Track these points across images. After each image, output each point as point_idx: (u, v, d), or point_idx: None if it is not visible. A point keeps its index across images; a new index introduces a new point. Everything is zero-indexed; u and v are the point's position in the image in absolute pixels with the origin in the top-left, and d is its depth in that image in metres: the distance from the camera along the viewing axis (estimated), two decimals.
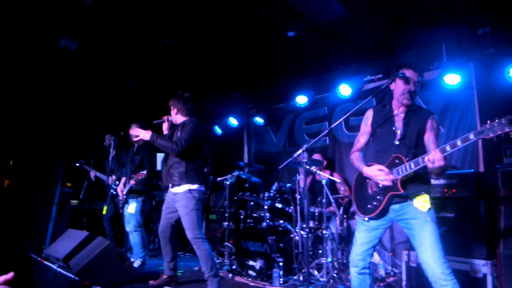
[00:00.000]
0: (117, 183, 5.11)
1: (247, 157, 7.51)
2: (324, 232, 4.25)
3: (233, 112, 7.22)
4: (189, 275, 4.52)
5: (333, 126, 2.82)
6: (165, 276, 3.93)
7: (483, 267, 3.22)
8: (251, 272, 4.38)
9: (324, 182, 4.19)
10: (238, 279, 4.39)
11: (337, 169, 5.79)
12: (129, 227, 4.76)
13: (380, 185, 2.45)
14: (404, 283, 3.70)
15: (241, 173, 5.48)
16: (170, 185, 3.72)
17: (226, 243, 5.33)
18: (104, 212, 5.29)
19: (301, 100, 6.10)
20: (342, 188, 5.15)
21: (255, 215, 5.01)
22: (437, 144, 2.40)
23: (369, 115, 2.74)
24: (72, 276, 3.25)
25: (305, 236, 3.53)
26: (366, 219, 2.52)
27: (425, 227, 2.31)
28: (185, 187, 3.61)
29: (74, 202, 6.10)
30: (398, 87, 2.54)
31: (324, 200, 4.26)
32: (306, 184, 2.94)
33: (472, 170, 4.07)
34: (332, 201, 4.26)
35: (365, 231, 2.54)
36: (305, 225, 3.94)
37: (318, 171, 4.44)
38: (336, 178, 4.84)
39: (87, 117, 6.51)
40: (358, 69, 5.61)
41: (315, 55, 5.62)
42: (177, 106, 3.92)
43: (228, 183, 5.35)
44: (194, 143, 3.65)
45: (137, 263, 4.63)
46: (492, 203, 3.41)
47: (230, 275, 4.44)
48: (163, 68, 6.30)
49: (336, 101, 5.87)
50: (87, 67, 6.06)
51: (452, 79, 4.48)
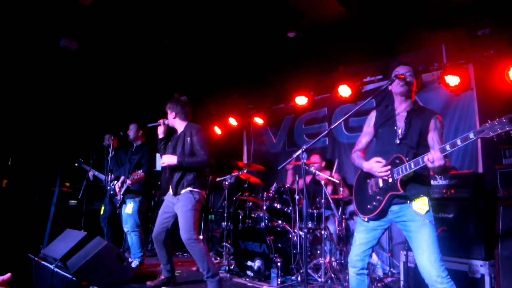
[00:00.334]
0: (115, 182, 5.10)
1: (247, 157, 7.51)
2: (322, 232, 4.25)
3: (232, 112, 7.22)
4: (187, 276, 4.51)
5: (333, 127, 2.81)
6: (162, 277, 3.91)
7: (481, 267, 3.22)
8: (249, 272, 4.37)
9: (323, 183, 4.19)
10: (236, 279, 4.38)
11: (336, 170, 5.78)
12: (127, 227, 4.75)
13: (380, 185, 2.45)
14: (402, 283, 3.70)
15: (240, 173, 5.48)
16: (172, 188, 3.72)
17: (224, 244, 5.32)
18: (101, 212, 5.28)
19: (301, 100, 6.11)
20: (341, 188, 5.15)
21: (253, 215, 5.02)
22: (442, 143, 2.35)
23: (372, 115, 2.74)
24: (69, 276, 3.25)
25: (304, 236, 3.51)
26: (365, 219, 2.52)
27: (422, 230, 2.30)
28: (188, 188, 3.62)
29: (72, 202, 6.08)
30: (396, 87, 2.54)
31: (323, 200, 4.26)
32: (305, 184, 2.93)
33: (471, 171, 4.07)
34: (330, 201, 4.26)
35: (364, 232, 2.54)
36: (303, 226, 3.93)
37: (317, 172, 4.44)
38: (335, 178, 4.83)
39: (86, 117, 6.51)
40: (358, 70, 5.61)
41: (315, 55, 5.63)
42: (175, 109, 3.86)
43: (227, 183, 5.35)
44: None
45: (135, 263, 4.62)
46: (490, 204, 3.41)
47: (228, 276, 4.43)
48: (163, 68, 6.30)
49: (336, 102, 5.87)
50: (87, 67, 6.06)
51: (451, 80, 4.49)
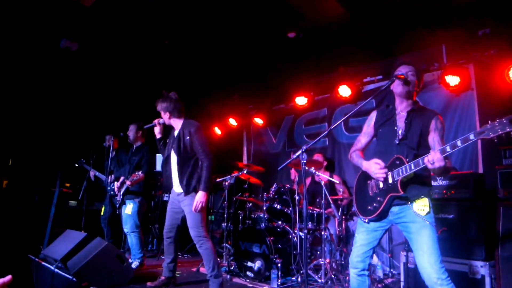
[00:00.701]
0: (115, 182, 5.10)
1: (246, 157, 7.51)
2: (322, 233, 4.25)
3: (232, 112, 7.22)
4: (187, 276, 4.51)
5: (332, 127, 2.81)
6: (163, 277, 3.91)
7: (481, 268, 3.22)
8: (249, 273, 4.37)
9: (322, 183, 4.19)
10: (236, 280, 4.38)
11: (336, 170, 5.79)
12: (127, 228, 4.75)
13: (380, 186, 2.44)
14: (402, 284, 3.69)
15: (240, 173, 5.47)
16: (176, 186, 3.71)
17: (224, 244, 5.32)
18: (101, 212, 5.28)
19: (301, 101, 6.11)
20: (341, 189, 5.15)
21: (253, 216, 5.01)
22: (443, 144, 2.33)
23: (373, 115, 2.73)
24: (70, 277, 3.25)
25: (304, 237, 3.51)
26: (366, 220, 2.51)
27: (423, 231, 2.29)
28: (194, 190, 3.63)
29: (72, 202, 6.08)
30: (396, 87, 2.52)
31: (323, 201, 4.25)
32: (305, 185, 2.92)
33: (471, 171, 4.07)
34: (330, 202, 4.26)
35: (364, 233, 2.53)
36: (303, 226, 3.93)
37: (317, 172, 4.44)
38: (335, 179, 4.83)
39: (86, 118, 6.51)
40: (358, 70, 5.61)
41: (315, 56, 5.63)
42: (168, 108, 3.78)
43: (227, 184, 5.35)
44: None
45: (135, 264, 4.62)
46: (491, 204, 3.40)
47: (228, 276, 4.43)
48: (163, 68, 6.30)
49: (336, 102, 5.87)
50: (87, 68, 6.06)
51: (452, 80, 4.48)
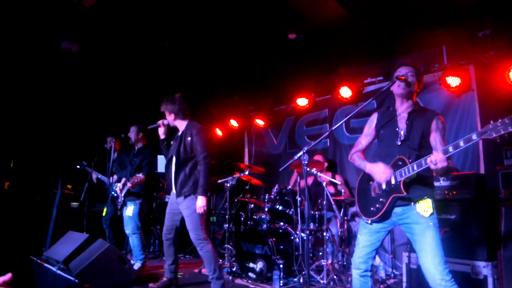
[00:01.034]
0: (117, 184, 5.10)
1: (248, 159, 7.51)
2: (324, 234, 4.25)
3: (233, 114, 7.22)
4: (189, 277, 4.50)
5: (333, 128, 2.82)
6: (165, 278, 3.91)
7: (484, 268, 3.22)
8: (251, 274, 4.37)
9: (324, 184, 4.19)
10: (238, 281, 4.38)
11: (338, 171, 5.79)
12: (128, 229, 4.76)
13: (383, 187, 2.44)
14: (404, 285, 3.69)
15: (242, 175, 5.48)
16: (176, 189, 3.72)
17: (226, 245, 5.32)
18: (103, 214, 5.29)
19: (302, 102, 6.12)
20: (342, 190, 5.15)
21: (255, 217, 5.01)
22: (445, 144, 2.34)
23: (374, 117, 2.73)
24: (72, 278, 3.24)
25: (306, 238, 3.52)
26: (368, 221, 2.51)
27: (426, 232, 2.28)
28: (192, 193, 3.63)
29: (74, 204, 6.08)
30: (396, 88, 2.53)
31: (324, 202, 4.26)
32: (307, 185, 2.93)
33: (472, 172, 4.07)
34: (332, 203, 4.26)
35: (367, 234, 2.52)
36: (305, 227, 3.93)
37: (319, 174, 4.44)
38: (337, 180, 4.83)
39: (88, 120, 6.51)
40: (358, 71, 5.62)
41: (316, 57, 5.64)
42: (172, 110, 3.81)
43: (228, 185, 5.35)
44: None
45: (137, 266, 4.62)
46: (492, 205, 3.41)
47: (230, 278, 4.42)
48: (164, 70, 6.30)
49: (336, 103, 5.88)
50: (88, 69, 6.07)
51: (452, 81, 4.49)
